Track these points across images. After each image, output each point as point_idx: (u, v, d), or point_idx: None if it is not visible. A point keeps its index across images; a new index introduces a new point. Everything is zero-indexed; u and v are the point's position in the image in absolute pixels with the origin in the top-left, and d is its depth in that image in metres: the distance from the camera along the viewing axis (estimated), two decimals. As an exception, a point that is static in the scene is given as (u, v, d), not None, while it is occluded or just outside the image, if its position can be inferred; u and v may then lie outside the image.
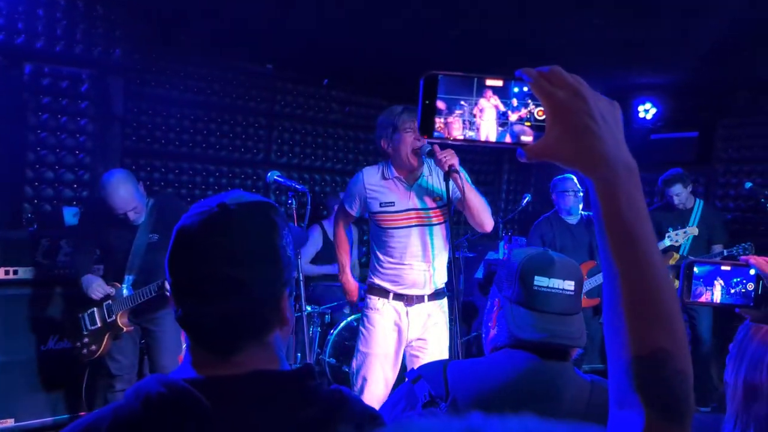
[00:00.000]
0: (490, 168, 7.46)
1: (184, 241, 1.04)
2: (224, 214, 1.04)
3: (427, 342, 3.46)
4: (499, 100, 0.79)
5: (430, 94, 0.79)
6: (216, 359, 1.03)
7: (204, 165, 5.66)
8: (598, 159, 0.73)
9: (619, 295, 0.73)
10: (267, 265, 1.05)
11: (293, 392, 1.03)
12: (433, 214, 3.41)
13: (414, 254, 3.39)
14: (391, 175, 3.43)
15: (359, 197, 3.49)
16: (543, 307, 1.45)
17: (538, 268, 1.47)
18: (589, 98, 0.74)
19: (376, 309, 3.45)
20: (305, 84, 6.17)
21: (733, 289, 1.24)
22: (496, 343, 1.52)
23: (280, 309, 1.07)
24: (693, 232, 4.85)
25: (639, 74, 5.95)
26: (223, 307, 1.01)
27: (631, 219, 0.73)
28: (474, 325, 5.91)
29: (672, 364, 0.71)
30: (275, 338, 1.08)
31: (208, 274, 1.01)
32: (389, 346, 3.43)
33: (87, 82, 4.67)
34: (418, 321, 3.43)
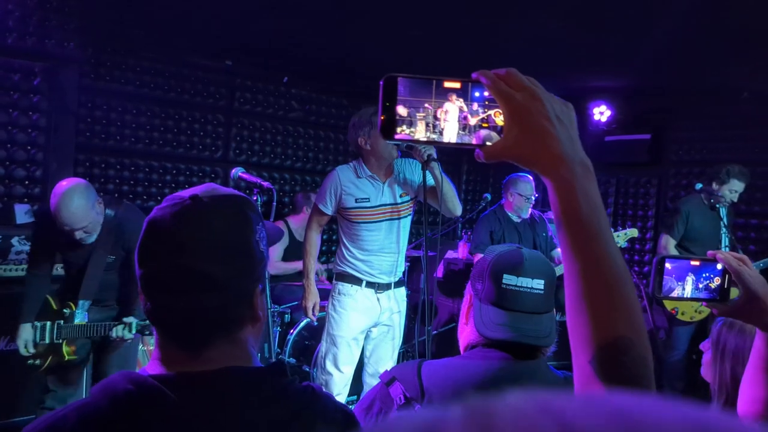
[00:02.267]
0: (449, 168, 7.52)
1: (156, 233, 1.02)
2: (197, 206, 1.02)
3: (391, 328, 3.76)
4: (458, 102, 0.81)
5: (389, 96, 0.80)
6: (186, 355, 1.01)
7: (161, 162, 5.57)
8: (555, 159, 0.76)
9: (580, 288, 0.76)
10: (239, 259, 1.03)
11: (264, 389, 1.02)
12: (403, 208, 3.68)
13: (385, 245, 3.65)
14: (365, 174, 3.62)
15: (335, 195, 3.62)
16: (511, 306, 1.46)
17: (508, 266, 1.48)
18: (544, 100, 0.77)
19: (348, 294, 3.65)
20: (265, 81, 6.12)
21: (702, 284, 1.28)
22: (469, 340, 1.52)
23: (252, 305, 1.06)
24: (633, 234, 4.90)
25: (594, 78, 6.08)
26: (194, 301, 0.99)
27: (589, 215, 0.75)
28: (433, 324, 5.94)
29: (633, 350, 0.74)
30: (247, 334, 1.07)
31: (180, 267, 0.99)
32: (358, 330, 3.67)
33: (39, 75, 4.56)
34: (387, 306, 3.71)
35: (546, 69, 5.45)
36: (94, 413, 0.95)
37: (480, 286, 1.50)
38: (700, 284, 1.27)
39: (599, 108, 6.65)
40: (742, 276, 1.25)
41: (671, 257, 1.27)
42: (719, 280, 1.28)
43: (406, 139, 0.80)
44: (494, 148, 0.79)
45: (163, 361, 1.03)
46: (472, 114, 0.81)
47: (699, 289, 1.27)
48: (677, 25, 4.06)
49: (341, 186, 3.59)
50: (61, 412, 0.99)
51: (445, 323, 5.75)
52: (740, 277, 1.25)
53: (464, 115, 0.81)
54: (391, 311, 3.74)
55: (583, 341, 0.76)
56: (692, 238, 4.90)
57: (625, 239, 4.90)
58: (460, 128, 0.81)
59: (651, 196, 6.71)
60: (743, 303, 1.26)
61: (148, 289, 1.03)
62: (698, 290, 1.27)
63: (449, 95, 0.81)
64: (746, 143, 5.85)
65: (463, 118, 0.81)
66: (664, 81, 5.86)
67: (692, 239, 4.90)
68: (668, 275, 1.26)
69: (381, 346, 3.79)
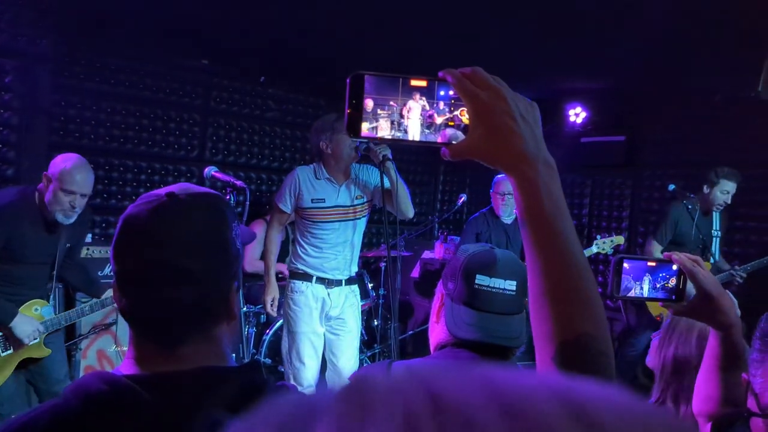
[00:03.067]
0: (425, 168, 7.55)
1: (133, 229, 1.02)
2: (174, 203, 1.02)
3: (345, 321, 3.91)
4: (425, 100, 0.82)
5: (356, 94, 0.80)
6: (160, 353, 1.01)
7: (135, 161, 5.51)
8: (518, 157, 0.77)
9: (542, 285, 0.77)
10: (217, 255, 1.04)
11: (239, 389, 1.01)
12: (356, 210, 3.85)
13: (337, 244, 3.82)
14: (323, 176, 3.80)
15: (293, 194, 3.79)
16: (483, 306, 1.45)
17: (481, 266, 1.48)
18: (509, 99, 0.78)
19: (300, 291, 3.84)
20: (241, 81, 6.09)
21: (659, 284, 1.30)
22: (439, 340, 1.52)
23: (228, 302, 1.06)
24: (619, 241, 4.92)
25: (569, 80, 6.13)
26: (171, 296, 0.99)
27: (552, 212, 0.77)
28: (410, 324, 5.96)
29: (595, 345, 0.76)
30: (222, 333, 1.07)
31: (158, 262, 0.99)
32: (315, 324, 3.84)
33: (11, 73, 4.49)
34: (338, 301, 3.88)
35: (522, 71, 5.49)
36: (67, 413, 0.94)
37: (452, 285, 1.50)
38: (657, 284, 1.29)
39: (575, 109, 6.71)
40: (695, 276, 1.27)
41: (629, 257, 1.29)
42: (675, 280, 1.30)
43: (372, 137, 0.81)
44: (459, 147, 0.80)
45: (138, 359, 1.02)
46: (438, 112, 0.82)
47: (656, 289, 1.30)
48: (650, 28, 4.12)
49: (300, 186, 3.77)
50: (32, 412, 0.97)
51: (421, 323, 5.76)
52: (694, 278, 1.28)
53: (430, 114, 0.82)
54: (342, 306, 3.90)
55: (545, 337, 0.77)
56: (679, 243, 4.87)
57: (611, 246, 4.93)
58: (426, 126, 0.82)
59: (626, 197, 6.78)
60: (697, 303, 1.28)
61: (125, 285, 1.02)
62: (655, 290, 1.30)
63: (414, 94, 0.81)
64: (720, 145, 5.93)
65: (429, 116, 0.82)
66: (638, 83, 5.93)
67: (679, 244, 4.85)
68: (626, 275, 1.28)
69: (339, 340, 3.92)
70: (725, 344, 1.32)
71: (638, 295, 1.30)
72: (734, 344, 1.31)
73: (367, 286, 5.06)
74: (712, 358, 1.35)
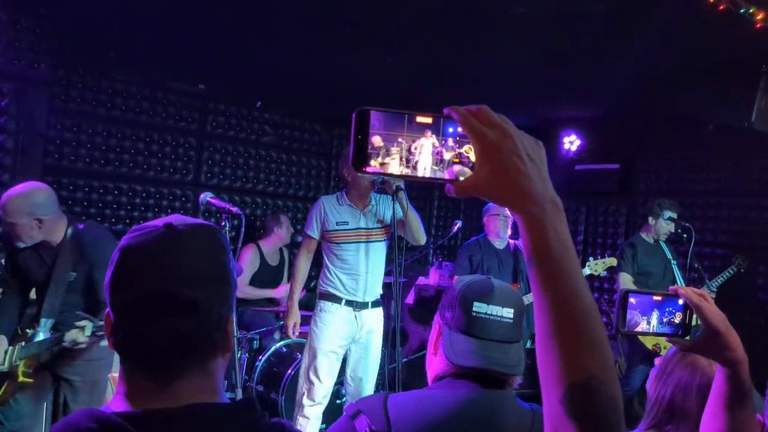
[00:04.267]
0: (420, 194, 7.56)
1: (133, 259, 0.99)
2: (173, 233, 1.01)
3: (370, 343, 4.09)
4: (433, 137, 0.82)
5: (361, 129, 0.80)
6: (153, 388, 0.98)
7: (130, 185, 5.50)
8: (526, 196, 0.77)
9: (550, 325, 0.76)
10: (218, 285, 1.03)
11: (233, 426, 1.00)
12: (377, 233, 4.11)
13: (361, 266, 4.04)
14: (345, 202, 4.11)
15: (319, 220, 4.11)
16: (481, 334, 1.45)
17: (478, 294, 1.48)
18: (516, 138, 0.78)
19: (329, 311, 4.04)
20: (238, 105, 6.11)
21: (665, 319, 1.28)
22: (437, 372, 1.50)
23: (226, 332, 1.05)
24: (611, 263, 4.96)
25: (564, 108, 6.17)
26: (172, 327, 0.97)
27: (559, 252, 0.76)
28: (404, 351, 5.92)
29: (604, 390, 0.74)
30: (218, 366, 1.05)
31: (162, 292, 0.97)
32: (337, 344, 4.02)
33: (8, 96, 4.50)
34: (366, 323, 4.07)
35: (516, 98, 5.53)
36: None
37: (449, 314, 1.49)
38: (664, 319, 1.28)
39: (569, 137, 6.75)
40: (702, 311, 1.25)
41: (634, 292, 1.28)
42: (681, 315, 1.29)
43: (377, 173, 0.81)
44: (465, 184, 0.80)
45: (129, 395, 0.99)
46: (446, 149, 0.82)
47: (662, 323, 1.28)
48: (644, 57, 4.16)
49: (324, 211, 4.09)
50: None
51: (416, 350, 5.72)
52: (701, 313, 1.25)
53: (437, 150, 0.82)
54: (368, 330, 4.09)
55: (553, 378, 0.75)
56: (645, 272, 5.05)
57: (603, 268, 4.94)
58: (433, 163, 0.82)
59: (620, 225, 6.80)
60: (704, 338, 1.26)
61: (124, 318, 1.00)
62: (661, 325, 1.28)
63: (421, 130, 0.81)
64: (712, 174, 5.98)
65: (436, 153, 0.82)
66: (632, 112, 5.98)
67: (645, 274, 5.05)
68: (632, 310, 1.26)
69: (363, 361, 4.11)
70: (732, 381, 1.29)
71: (644, 330, 1.28)
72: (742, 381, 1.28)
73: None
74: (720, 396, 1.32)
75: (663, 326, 1.28)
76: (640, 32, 3.76)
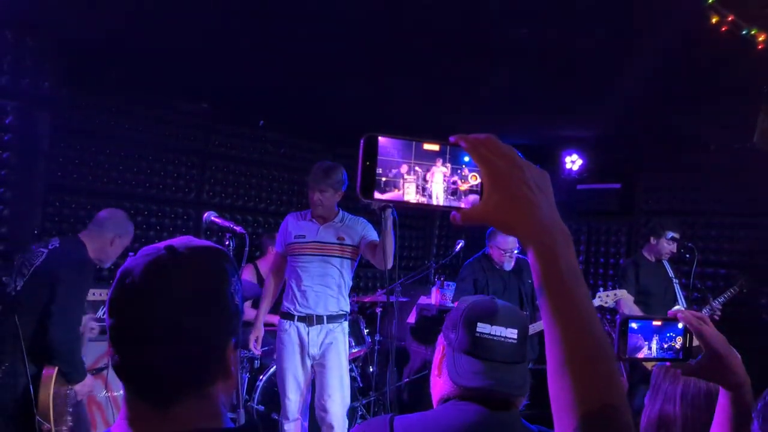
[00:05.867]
0: (422, 213, 7.55)
1: (128, 283, 0.99)
2: (172, 257, 1.00)
3: (327, 360, 4.02)
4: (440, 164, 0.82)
5: (369, 156, 0.80)
6: (153, 413, 0.97)
7: (133, 203, 5.51)
8: (537, 226, 0.77)
9: (562, 355, 0.75)
10: (212, 312, 1.00)
11: None
12: (334, 249, 4.06)
13: (315, 278, 4.02)
14: (307, 218, 4.16)
15: (283, 233, 4.18)
16: (485, 355, 1.43)
17: (482, 315, 1.46)
18: (524, 168, 0.78)
19: (284, 330, 4.08)
20: (240, 124, 6.13)
21: (666, 344, 1.27)
22: (442, 394, 1.48)
23: (224, 359, 1.02)
24: (622, 296, 4.84)
25: (566, 127, 6.19)
26: (164, 353, 0.96)
27: (570, 281, 0.76)
28: (405, 371, 5.88)
29: (619, 418, 0.74)
30: (217, 391, 1.02)
31: (151, 318, 0.96)
32: (296, 360, 4.04)
33: (12, 114, 4.51)
34: (317, 339, 4.02)
35: (518, 118, 5.55)
36: None
37: (453, 335, 1.48)
38: (664, 344, 1.27)
39: (571, 157, 6.76)
40: (703, 335, 1.25)
41: (634, 317, 1.27)
42: (681, 339, 1.28)
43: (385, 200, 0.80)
44: (473, 212, 0.80)
45: (130, 420, 0.98)
46: (450, 177, 0.82)
47: (663, 348, 1.27)
48: (646, 77, 4.18)
49: (288, 227, 4.16)
50: None
51: (417, 370, 5.69)
52: (702, 337, 1.25)
53: (451, 180, 0.82)
54: (321, 344, 4.03)
55: (567, 407, 0.75)
56: (646, 292, 5.02)
57: (614, 300, 4.83)
58: (447, 192, 0.82)
59: (622, 245, 6.79)
60: (706, 362, 1.26)
61: (118, 341, 0.99)
62: (662, 350, 1.27)
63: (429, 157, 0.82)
64: (714, 194, 5.98)
65: (451, 182, 0.82)
66: (634, 132, 6.00)
67: (646, 293, 5.02)
68: (633, 336, 1.26)
69: (322, 380, 4.04)
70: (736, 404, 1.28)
71: (646, 356, 1.27)
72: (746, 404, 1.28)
73: (362, 331, 5.01)
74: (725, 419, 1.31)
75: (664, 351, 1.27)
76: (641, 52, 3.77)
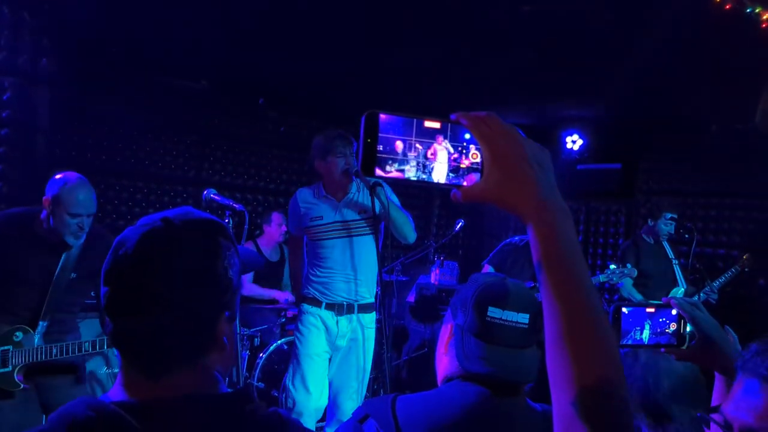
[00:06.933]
0: (422, 192, 7.55)
1: (121, 253, 1.00)
2: (167, 229, 1.01)
3: (351, 354, 3.69)
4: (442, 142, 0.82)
5: (371, 132, 0.80)
6: (147, 380, 0.99)
7: (132, 181, 5.50)
8: (537, 204, 0.77)
9: (561, 330, 0.76)
10: (202, 286, 1.01)
11: (229, 416, 1.00)
12: (359, 225, 3.67)
13: (340, 264, 3.65)
14: (321, 194, 3.74)
15: (297, 216, 3.77)
16: (495, 340, 1.40)
17: (493, 298, 1.42)
18: (525, 145, 0.78)
19: (309, 313, 3.69)
20: (240, 103, 6.10)
21: (659, 330, 1.29)
22: (447, 373, 1.46)
23: (214, 332, 1.03)
24: (631, 275, 4.83)
25: (567, 107, 6.16)
26: (153, 324, 0.97)
27: (569, 258, 0.77)
28: (405, 350, 5.91)
29: (617, 394, 0.75)
30: (212, 363, 1.04)
31: (140, 289, 0.97)
32: (322, 348, 3.66)
33: (9, 90, 4.49)
34: (347, 330, 3.68)
35: (520, 98, 5.52)
36: None
37: (463, 317, 1.45)
38: (658, 330, 1.28)
39: (572, 137, 6.74)
40: (696, 321, 1.27)
41: (627, 305, 1.28)
42: (675, 325, 1.29)
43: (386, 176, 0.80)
44: (474, 190, 0.80)
45: (126, 386, 1.00)
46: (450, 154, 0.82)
47: (657, 334, 1.28)
48: (649, 58, 4.15)
49: (300, 206, 3.75)
50: None
51: (416, 349, 5.72)
52: (695, 322, 1.27)
53: (453, 157, 0.82)
54: (350, 337, 3.68)
55: (565, 381, 0.75)
56: (646, 274, 5.03)
57: (621, 278, 4.78)
58: (449, 170, 0.82)
59: (621, 225, 6.80)
60: (699, 347, 1.28)
61: (110, 309, 1.00)
62: (656, 336, 1.29)
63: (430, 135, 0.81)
64: (714, 174, 5.97)
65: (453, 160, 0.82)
66: (635, 112, 5.97)
67: (646, 275, 5.03)
68: (626, 322, 1.27)
69: (341, 375, 3.70)
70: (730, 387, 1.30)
71: (638, 342, 1.29)
72: None
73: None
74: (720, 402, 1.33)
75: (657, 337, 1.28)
76: (644, 33, 3.75)
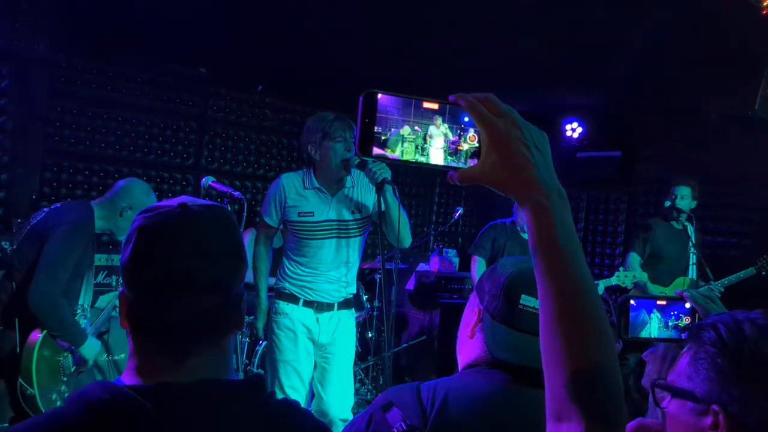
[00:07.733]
0: (421, 180, 7.54)
1: (153, 239, 1.01)
2: (188, 213, 1.03)
3: (335, 350, 3.42)
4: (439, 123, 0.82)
5: (369, 112, 0.80)
6: (167, 364, 1.00)
7: (131, 168, 5.48)
8: (534, 186, 0.77)
9: (554, 313, 0.77)
10: (238, 263, 1.05)
11: (242, 403, 1.01)
12: (352, 226, 3.36)
13: (328, 264, 3.33)
14: (312, 185, 3.35)
15: (279, 206, 3.36)
16: (527, 328, 1.35)
17: (526, 286, 1.36)
18: (523, 127, 0.78)
19: (284, 313, 3.37)
20: (239, 89, 6.08)
21: (671, 323, 1.27)
22: (472, 357, 1.42)
23: (241, 309, 1.07)
24: (642, 278, 4.75)
25: (566, 95, 6.14)
26: (195, 305, 0.99)
27: (565, 242, 0.77)
28: (404, 337, 5.93)
29: (608, 376, 0.75)
30: (229, 342, 1.07)
31: (182, 271, 0.99)
32: (300, 352, 3.35)
33: (7, 78, 4.47)
34: (328, 327, 3.39)
35: (519, 86, 5.50)
36: (66, 422, 0.93)
37: (493, 302, 1.41)
38: (670, 323, 1.27)
39: (571, 124, 6.73)
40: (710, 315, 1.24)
41: (636, 296, 1.27)
42: (689, 318, 1.28)
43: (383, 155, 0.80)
44: (470, 172, 0.80)
45: (139, 370, 1.00)
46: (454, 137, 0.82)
47: (668, 327, 1.27)
48: (648, 45, 4.13)
49: (285, 196, 3.34)
50: (31, 421, 0.97)
51: (415, 335, 5.73)
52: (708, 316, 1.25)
53: (452, 140, 0.82)
54: (333, 333, 3.40)
55: (557, 365, 0.76)
56: (658, 255, 4.94)
57: (631, 281, 4.77)
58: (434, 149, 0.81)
59: (621, 212, 6.79)
60: None
61: (146, 296, 1.01)
62: (667, 329, 1.27)
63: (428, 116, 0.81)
64: (714, 162, 5.95)
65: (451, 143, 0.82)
66: (635, 100, 5.95)
67: (658, 257, 4.95)
68: (634, 315, 1.25)
69: (328, 371, 3.43)
70: None
71: (648, 336, 1.27)
72: None
73: (361, 297, 5.04)
74: None
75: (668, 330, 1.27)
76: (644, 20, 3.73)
